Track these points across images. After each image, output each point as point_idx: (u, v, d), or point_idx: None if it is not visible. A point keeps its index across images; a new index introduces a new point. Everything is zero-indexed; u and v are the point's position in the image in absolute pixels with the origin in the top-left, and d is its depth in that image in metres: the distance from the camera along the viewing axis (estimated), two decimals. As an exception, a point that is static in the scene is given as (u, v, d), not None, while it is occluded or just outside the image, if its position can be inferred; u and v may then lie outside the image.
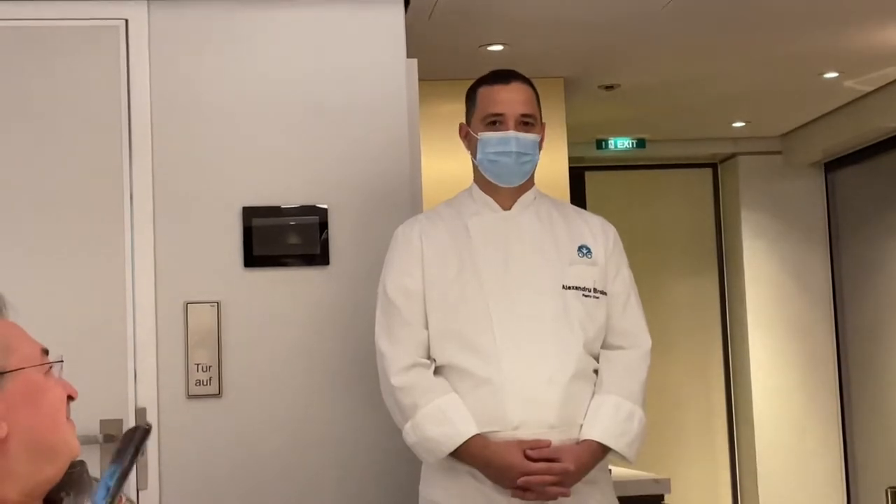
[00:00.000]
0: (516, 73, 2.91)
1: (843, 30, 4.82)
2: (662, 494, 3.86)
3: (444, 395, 2.72)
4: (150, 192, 3.30)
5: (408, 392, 2.73)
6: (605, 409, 2.74)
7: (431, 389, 2.73)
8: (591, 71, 5.41)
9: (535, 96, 2.89)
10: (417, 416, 2.71)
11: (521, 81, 2.88)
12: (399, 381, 2.74)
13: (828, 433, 7.09)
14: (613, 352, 2.84)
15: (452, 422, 2.68)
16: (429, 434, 2.70)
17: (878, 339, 6.62)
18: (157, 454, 3.22)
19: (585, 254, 2.86)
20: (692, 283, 7.45)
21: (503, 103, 2.83)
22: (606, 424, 2.72)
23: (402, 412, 2.75)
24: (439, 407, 2.70)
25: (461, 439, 2.67)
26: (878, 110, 6.04)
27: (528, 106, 2.85)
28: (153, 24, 3.34)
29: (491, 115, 2.84)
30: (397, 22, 3.44)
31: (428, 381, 2.74)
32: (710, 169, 7.59)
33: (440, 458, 2.70)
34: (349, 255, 3.34)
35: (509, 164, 2.83)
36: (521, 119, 2.83)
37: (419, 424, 2.71)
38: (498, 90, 2.85)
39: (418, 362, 2.76)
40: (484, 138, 2.84)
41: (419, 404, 2.71)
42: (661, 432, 6.92)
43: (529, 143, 2.82)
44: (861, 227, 6.93)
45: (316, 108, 3.39)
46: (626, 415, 2.75)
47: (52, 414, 1.58)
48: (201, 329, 3.27)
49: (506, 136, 2.81)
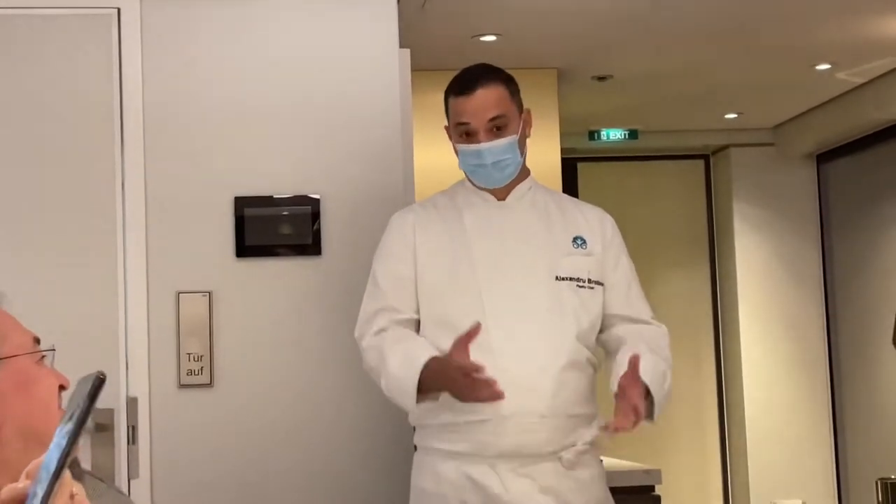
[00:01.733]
0: (482, 75, 2.83)
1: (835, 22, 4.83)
2: (653, 485, 3.86)
3: (408, 338, 2.74)
4: (142, 181, 3.29)
5: (375, 348, 2.76)
6: (647, 357, 2.68)
7: (395, 337, 2.75)
8: (584, 62, 5.41)
9: (506, 92, 2.82)
10: (387, 365, 2.71)
11: (488, 84, 2.80)
12: (368, 343, 2.78)
13: (819, 425, 7.11)
14: (634, 325, 2.84)
15: (412, 355, 2.68)
16: (397, 374, 2.68)
17: (869, 331, 6.64)
18: (148, 444, 3.22)
19: (580, 244, 2.86)
20: (684, 274, 7.46)
21: (469, 115, 2.78)
22: (648, 368, 2.67)
23: (375, 370, 2.76)
24: (402, 349, 2.71)
25: (420, 365, 2.64)
26: (871, 102, 6.05)
27: (498, 107, 2.79)
28: (145, 13, 3.33)
29: (460, 125, 2.81)
30: (390, 12, 3.43)
31: (392, 332, 2.76)
32: (703, 160, 7.59)
33: (414, 395, 2.66)
34: (341, 246, 3.34)
35: (488, 173, 2.82)
36: (489, 125, 2.77)
37: (389, 372, 2.71)
38: (462, 102, 2.80)
39: (388, 327, 2.78)
40: (460, 150, 2.83)
41: (386, 354, 2.72)
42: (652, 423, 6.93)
43: (503, 148, 2.79)
44: (853, 219, 6.94)
45: (308, 99, 3.38)
46: (662, 373, 2.74)
47: (44, 402, 1.58)
48: (193, 319, 3.27)
49: (478, 150, 2.78)
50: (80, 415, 1.12)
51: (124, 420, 3.21)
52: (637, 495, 3.80)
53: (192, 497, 3.22)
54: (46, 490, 1.05)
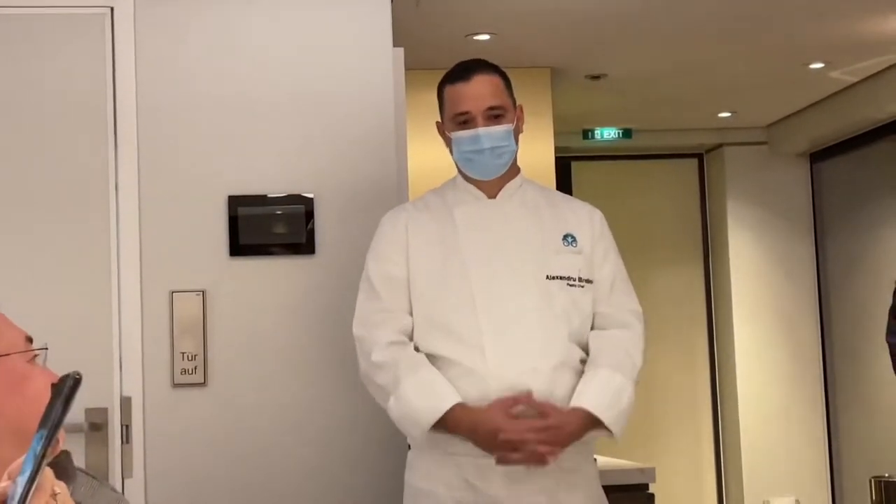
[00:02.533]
0: (478, 65, 2.86)
1: (828, 20, 4.83)
2: (647, 483, 3.87)
3: (425, 367, 2.71)
4: (135, 180, 3.29)
5: (389, 367, 2.72)
6: (597, 380, 2.72)
7: (412, 362, 2.72)
8: (578, 60, 5.42)
9: (502, 83, 2.85)
10: (400, 389, 2.69)
11: (484, 73, 2.83)
12: (379, 358, 2.73)
13: (812, 423, 7.13)
14: (607, 331, 2.83)
15: (436, 391, 2.67)
16: (414, 405, 2.67)
17: (862, 329, 6.64)
18: (142, 443, 3.21)
19: (570, 242, 2.86)
20: (678, 273, 7.47)
21: (467, 101, 2.80)
22: (596, 393, 2.69)
23: (384, 388, 2.73)
24: (422, 378, 2.69)
25: (445, 407, 2.64)
26: (864, 101, 6.06)
27: (495, 97, 2.81)
28: (139, 12, 3.33)
29: (458, 114, 2.81)
30: (383, 11, 3.43)
31: (408, 354, 2.74)
32: (696, 159, 7.60)
33: (425, 429, 2.67)
34: (335, 245, 3.34)
35: (485, 161, 2.82)
36: (487, 113, 2.79)
37: (403, 397, 2.69)
38: (461, 88, 2.81)
39: (398, 340, 2.76)
40: (456, 138, 2.83)
41: (401, 377, 2.70)
42: (646, 422, 6.95)
43: (501, 135, 2.80)
44: (846, 218, 6.95)
45: (302, 98, 3.38)
46: (618, 387, 2.72)
47: (37, 401, 1.57)
48: (187, 318, 3.27)
49: (475, 135, 2.79)
50: (56, 416, 1.13)
51: (118, 419, 3.21)
52: (631, 493, 3.80)
53: (186, 496, 3.22)
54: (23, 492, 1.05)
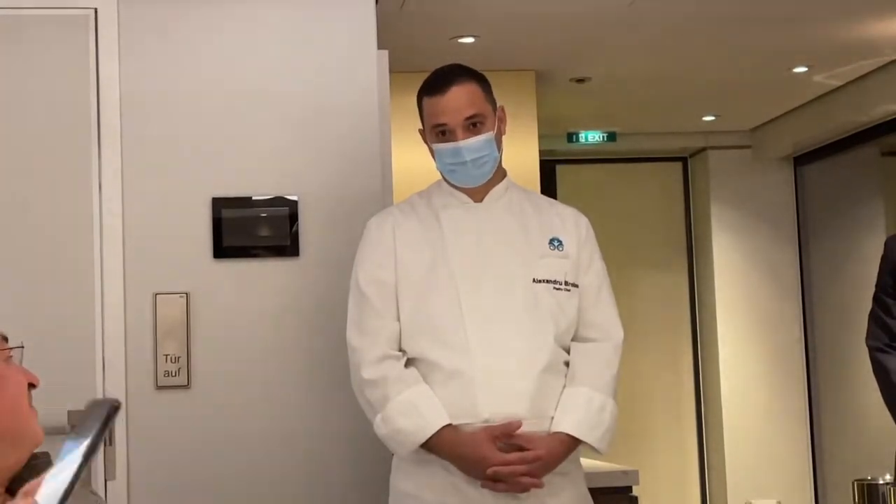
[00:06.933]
0: (454, 75, 2.83)
1: (812, 24, 4.85)
2: (631, 486, 3.87)
3: (415, 386, 2.71)
4: (118, 182, 3.28)
5: (378, 384, 2.72)
6: (577, 401, 2.73)
7: (401, 381, 2.72)
8: (563, 64, 5.43)
9: (479, 90, 2.83)
10: (387, 409, 2.70)
11: (460, 82, 2.81)
12: (369, 374, 2.74)
13: (796, 426, 7.15)
14: (585, 344, 2.83)
15: (423, 413, 2.68)
16: (399, 426, 2.69)
17: (846, 333, 6.67)
18: (125, 445, 3.20)
19: (557, 246, 2.86)
20: (662, 275, 7.49)
21: (445, 114, 2.78)
22: (578, 416, 2.72)
23: (373, 405, 2.74)
24: (409, 398, 2.69)
25: (432, 430, 2.66)
26: (848, 105, 6.09)
27: (473, 106, 2.79)
28: (122, 14, 3.32)
29: (436, 125, 2.81)
30: (368, 13, 3.43)
31: (398, 372, 2.73)
32: (681, 162, 7.62)
33: (411, 450, 2.69)
34: (319, 247, 3.33)
35: (467, 171, 2.82)
36: (466, 124, 2.78)
37: (389, 417, 2.70)
38: (437, 102, 2.80)
39: (389, 354, 2.75)
40: (437, 150, 2.83)
41: (389, 396, 2.70)
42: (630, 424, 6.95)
43: (481, 145, 2.79)
44: (830, 221, 6.98)
45: (286, 100, 3.38)
46: (598, 407, 2.74)
47: (13, 400, 1.57)
48: (170, 320, 3.26)
49: (456, 148, 2.78)
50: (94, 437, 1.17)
51: (101, 421, 3.19)
52: (615, 496, 3.81)
53: (169, 498, 3.21)
54: None
